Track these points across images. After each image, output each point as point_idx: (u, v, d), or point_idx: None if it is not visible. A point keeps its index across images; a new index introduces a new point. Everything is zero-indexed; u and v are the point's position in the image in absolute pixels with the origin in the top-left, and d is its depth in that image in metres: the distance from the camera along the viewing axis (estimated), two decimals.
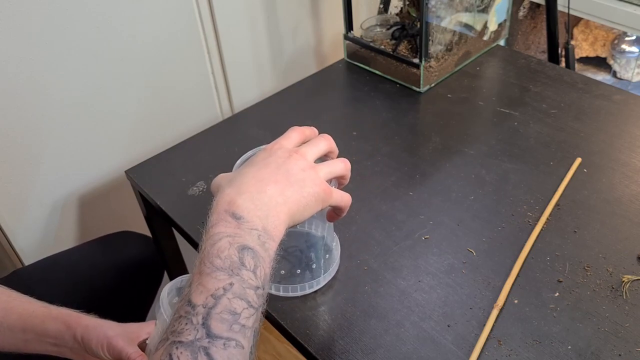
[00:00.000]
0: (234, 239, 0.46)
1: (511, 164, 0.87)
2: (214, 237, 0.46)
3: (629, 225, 0.75)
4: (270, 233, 0.48)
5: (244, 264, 0.45)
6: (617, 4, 1.19)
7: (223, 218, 0.47)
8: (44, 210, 0.97)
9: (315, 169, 0.54)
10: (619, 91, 0.99)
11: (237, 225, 0.47)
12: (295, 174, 0.52)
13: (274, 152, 0.54)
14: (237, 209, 0.48)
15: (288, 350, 1.32)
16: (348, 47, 1.13)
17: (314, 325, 0.67)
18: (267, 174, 0.51)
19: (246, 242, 0.46)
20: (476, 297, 0.68)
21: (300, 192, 0.51)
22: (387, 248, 0.75)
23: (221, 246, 0.45)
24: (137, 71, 0.98)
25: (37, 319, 0.65)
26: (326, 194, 0.54)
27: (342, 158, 0.58)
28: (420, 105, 1.02)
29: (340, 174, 0.58)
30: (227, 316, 0.42)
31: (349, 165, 0.59)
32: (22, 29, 0.82)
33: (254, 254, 0.46)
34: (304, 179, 0.52)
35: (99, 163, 1.01)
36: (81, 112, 0.94)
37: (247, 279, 0.44)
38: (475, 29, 1.10)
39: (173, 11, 0.98)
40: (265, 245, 0.47)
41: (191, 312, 0.42)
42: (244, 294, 0.44)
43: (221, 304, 0.42)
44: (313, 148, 0.56)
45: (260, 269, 0.46)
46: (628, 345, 0.62)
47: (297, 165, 0.53)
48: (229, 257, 0.45)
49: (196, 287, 0.44)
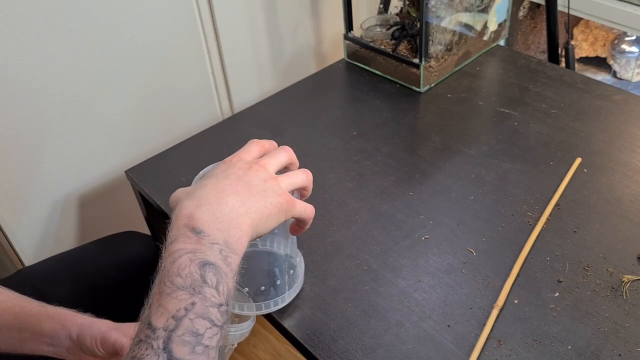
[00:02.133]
0: (195, 255, 0.44)
1: (511, 164, 0.87)
2: (174, 254, 0.44)
3: (629, 225, 0.75)
4: (232, 246, 0.46)
5: (205, 281, 0.43)
6: (617, 4, 1.19)
7: (183, 233, 0.46)
8: (44, 210, 0.97)
9: (277, 180, 0.53)
10: (619, 91, 0.99)
11: (197, 240, 0.45)
12: (256, 185, 0.51)
13: (234, 165, 0.53)
14: (196, 223, 0.46)
15: (288, 350, 1.32)
16: (348, 47, 1.13)
17: (314, 325, 0.67)
18: (227, 185, 0.50)
19: (207, 257, 0.44)
20: (476, 297, 0.68)
21: (263, 202, 0.50)
22: (387, 248, 0.75)
23: (181, 264, 0.44)
24: (137, 71, 0.98)
25: (34, 318, 0.65)
26: (289, 205, 0.53)
27: (304, 169, 0.57)
28: (420, 105, 1.02)
29: (302, 185, 0.57)
30: (189, 338, 0.41)
31: (311, 177, 0.58)
32: (23, 29, 0.82)
33: (216, 270, 0.44)
34: (266, 190, 0.51)
35: (99, 163, 1.01)
36: (81, 112, 0.94)
37: (210, 297, 0.43)
38: (475, 29, 1.10)
39: (173, 11, 0.98)
40: (228, 260, 0.46)
41: (151, 335, 0.40)
42: (206, 312, 0.42)
43: (183, 326, 0.41)
44: (273, 160, 0.55)
45: (222, 285, 0.44)
46: (628, 345, 0.62)
47: (258, 177, 0.52)
48: (190, 275, 0.43)
49: (156, 309, 0.42)
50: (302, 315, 0.68)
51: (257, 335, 1.37)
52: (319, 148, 0.94)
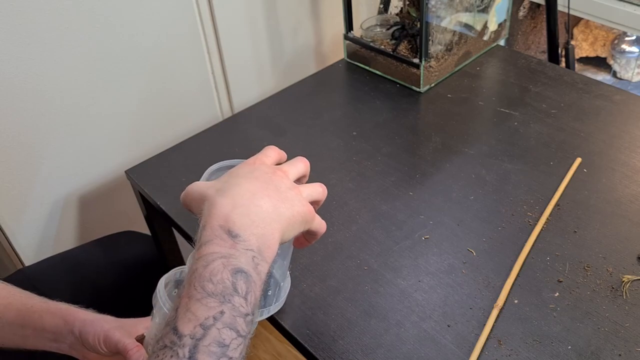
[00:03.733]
0: (229, 260, 0.43)
1: (511, 164, 0.87)
2: (207, 257, 0.43)
3: (629, 225, 0.75)
4: (263, 254, 0.45)
5: (236, 290, 0.42)
6: (617, 4, 1.19)
7: (218, 235, 0.44)
8: (44, 210, 0.97)
9: (299, 189, 0.52)
10: (619, 91, 0.99)
11: (232, 244, 0.44)
12: (284, 191, 0.50)
13: (258, 167, 0.51)
14: (233, 226, 0.45)
15: (288, 350, 1.32)
16: (348, 47, 1.13)
17: (314, 325, 0.67)
18: (259, 187, 0.48)
19: (241, 264, 0.43)
20: (476, 297, 0.68)
21: (291, 210, 0.49)
22: (387, 248, 0.75)
23: (214, 268, 0.42)
24: (137, 71, 0.98)
25: (36, 314, 0.65)
26: (311, 216, 0.52)
27: (320, 183, 0.57)
28: (420, 105, 1.02)
29: (319, 199, 0.56)
30: (215, 349, 0.40)
31: (326, 191, 0.57)
32: (23, 29, 0.82)
33: (247, 278, 0.43)
34: (292, 198, 0.50)
35: (99, 163, 1.01)
36: (81, 112, 0.94)
37: (239, 306, 0.42)
38: (475, 29, 1.10)
39: (173, 11, 0.98)
40: (258, 268, 0.45)
41: (177, 342, 0.39)
42: (234, 323, 0.41)
43: (210, 335, 0.40)
44: (293, 168, 0.54)
45: (251, 295, 0.43)
46: (628, 345, 0.62)
47: (283, 183, 0.51)
48: (222, 282, 0.42)
49: (184, 314, 0.41)
50: (302, 315, 0.68)
51: (257, 336, 1.37)
52: (319, 148, 0.94)
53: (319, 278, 0.72)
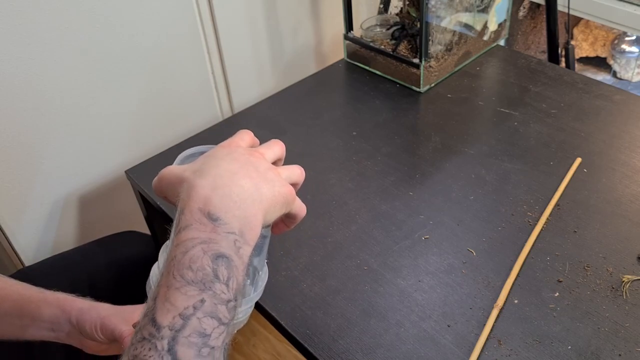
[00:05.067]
0: (209, 245, 0.41)
1: (511, 164, 0.87)
2: (187, 243, 0.41)
3: (629, 225, 0.75)
4: (246, 236, 0.44)
5: (217, 276, 0.41)
6: (617, 4, 1.19)
7: (197, 219, 0.42)
8: (44, 210, 0.97)
9: (277, 170, 0.50)
10: (619, 91, 0.99)
11: (212, 228, 0.42)
12: (263, 172, 0.47)
13: (235, 150, 0.49)
14: (213, 209, 0.43)
15: (288, 350, 1.32)
16: (348, 47, 1.13)
17: (314, 325, 0.67)
18: (239, 168, 0.46)
19: (222, 249, 0.42)
20: (476, 297, 0.68)
21: (272, 190, 0.47)
22: (387, 248, 0.75)
23: (194, 255, 0.41)
24: (137, 71, 0.98)
25: (33, 304, 0.65)
26: (292, 197, 0.50)
27: (298, 165, 0.55)
28: (420, 105, 1.02)
29: (298, 181, 0.54)
30: (195, 339, 0.38)
31: (304, 174, 0.55)
32: (23, 29, 0.82)
33: (229, 263, 0.42)
34: (273, 179, 0.48)
35: (99, 163, 1.01)
36: (81, 112, 0.94)
37: (220, 293, 0.40)
38: (475, 29, 1.10)
39: (173, 11, 0.98)
40: (240, 252, 0.43)
41: (156, 334, 0.38)
42: (215, 311, 0.40)
43: (190, 326, 0.38)
44: (269, 151, 0.52)
45: (233, 280, 0.42)
46: (628, 345, 0.62)
47: (262, 164, 0.48)
48: (202, 269, 0.40)
49: (162, 304, 0.39)
50: (302, 315, 0.68)
51: (257, 335, 1.36)
52: (319, 148, 0.94)
53: (318, 278, 0.72)
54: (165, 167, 0.50)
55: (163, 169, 0.49)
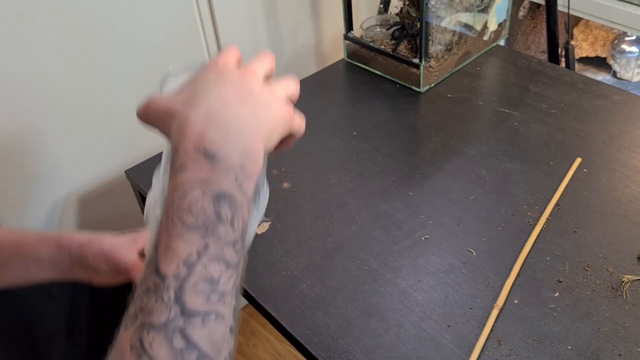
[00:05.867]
0: (208, 186, 0.38)
1: (511, 164, 0.87)
2: (184, 185, 0.38)
3: (629, 225, 0.75)
4: (247, 170, 0.40)
5: (220, 218, 0.38)
6: (617, 4, 1.19)
7: (193, 159, 0.39)
8: (44, 210, 0.97)
9: (271, 87, 0.46)
10: (619, 91, 0.99)
11: (210, 167, 0.39)
12: (258, 94, 0.43)
13: (223, 71, 0.44)
14: (209, 145, 0.39)
15: (288, 350, 1.32)
16: (348, 47, 1.13)
17: (314, 325, 0.67)
18: (231, 94, 0.42)
19: (222, 188, 0.38)
20: (476, 297, 0.68)
21: (270, 113, 0.43)
22: (387, 248, 0.75)
23: (193, 198, 0.38)
24: (137, 71, 0.98)
25: (30, 246, 0.64)
26: (290, 117, 0.46)
27: (292, 76, 0.50)
28: (420, 105, 1.02)
29: (294, 95, 0.49)
30: (203, 286, 0.36)
31: (299, 85, 0.50)
32: (23, 29, 0.82)
33: (231, 202, 0.39)
34: (269, 100, 0.44)
35: (99, 163, 1.01)
36: (81, 112, 0.94)
37: (224, 235, 0.38)
38: (475, 29, 1.10)
39: (173, 11, 0.98)
40: (243, 187, 0.40)
41: (161, 285, 0.36)
42: (221, 254, 0.37)
43: (196, 273, 0.36)
44: (260, 66, 0.47)
45: (238, 219, 0.39)
46: (628, 345, 0.62)
47: (255, 84, 0.44)
48: (203, 212, 0.38)
49: (164, 253, 0.37)
50: (302, 315, 0.68)
51: (257, 335, 1.37)
52: (319, 148, 0.94)
53: (318, 278, 0.72)
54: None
55: (149, 98, 0.45)
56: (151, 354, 0.35)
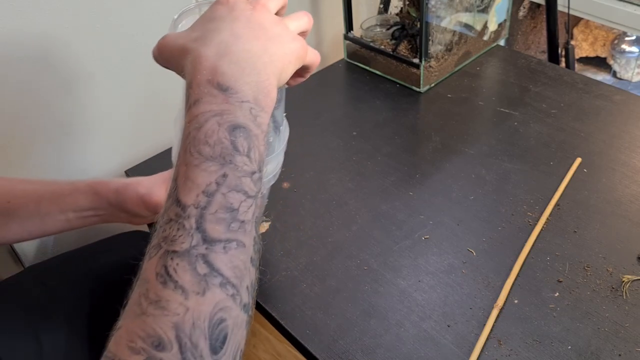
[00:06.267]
0: (223, 117, 0.39)
1: (511, 164, 0.87)
2: (199, 118, 0.39)
3: (629, 225, 0.75)
4: (261, 103, 0.41)
5: (237, 148, 0.38)
6: (617, 4, 1.19)
7: (207, 92, 0.39)
8: None
9: (284, 22, 0.46)
10: (619, 91, 0.99)
11: (224, 99, 0.39)
12: (270, 28, 0.44)
13: (235, 6, 0.44)
14: (222, 78, 0.40)
15: (288, 350, 1.32)
16: (348, 47, 1.13)
17: (313, 325, 0.67)
18: (242, 28, 0.42)
19: (237, 119, 0.39)
20: (476, 297, 0.68)
21: (282, 47, 0.43)
22: (387, 248, 0.75)
23: (208, 129, 0.38)
24: (137, 71, 0.98)
25: (68, 197, 0.65)
26: (303, 50, 0.46)
27: (304, 11, 0.50)
28: (420, 105, 1.02)
29: (307, 29, 0.49)
30: (223, 215, 0.37)
31: (312, 20, 0.50)
32: (22, 29, 0.82)
33: (247, 133, 0.39)
34: (281, 34, 0.44)
35: (99, 163, 1.01)
36: (81, 111, 0.94)
37: (242, 166, 0.38)
38: (475, 29, 1.10)
39: (173, 11, 0.98)
40: (258, 120, 0.40)
41: (182, 214, 0.37)
42: (239, 184, 0.38)
43: (215, 202, 0.37)
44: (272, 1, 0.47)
45: (254, 150, 0.39)
46: (628, 345, 0.62)
47: (267, 19, 0.44)
48: (219, 142, 0.38)
49: (184, 183, 0.37)
50: (302, 315, 0.68)
51: (257, 336, 1.36)
52: (319, 148, 0.94)
53: (318, 278, 0.72)
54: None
55: (161, 38, 0.45)
56: (176, 278, 0.35)
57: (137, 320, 0.35)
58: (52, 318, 0.75)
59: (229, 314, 0.36)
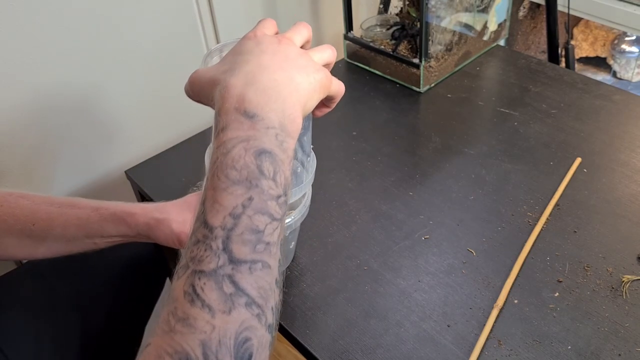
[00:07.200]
0: (249, 143, 0.40)
1: (511, 164, 0.87)
2: (227, 144, 0.40)
3: (629, 225, 0.75)
4: (287, 129, 0.42)
5: (262, 172, 0.40)
6: (617, 4, 1.19)
7: (234, 119, 0.41)
8: None
9: (309, 54, 0.48)
10: (619, 91, 0.99)
11: (251, 125, 0.41)
12: (295, 59, 0.46)
13: (261, 40, 0.47)
14: (249, 105, 0.41)
15: (288, 350, 1.32)
16: (348, 47, 1.13)
17: (313, 325, 0.67)
18: (269, 60, 0.45)
19: (263, 145, 0.41)
20: (476, 297, 0.68)
21: (307, 77, 0.45)
22: (387, 248, 0.75)
23: (236, 154, 0.40)
24: (137, 71, 0.98)
25: (95, 224, 0.65)
26: (328, 80, 0.48)
27: (328, 44, 0.52)
28: (420, 105, 1.02)
29: (331, 61, 0.52)
30: (249, 236, 0.38)
31: (336, 52, 0.52)
32: (22, 29, 0.82)
33: (273, 158, 0.41)
34: (305, 65, 0.46)
35: (99, 163, 1.01)
36: (81, 112, 0.94)
37: (267, 189, 0.40)
38: (475, 29, 1.10)
39: (173, 11, 0.98)
40: (284, 145, 0.42)
41: (209, 235, 0.38)
42: (265, 207, 0.39)
43: (241, 224, 0.38)
44: (297, 34, 0.50)
45: (280, 175, 0.41)
46: (628, 345, 0.62)
47: (292, 51, 0.47)
48: (246, 167, 0.40)
49: (211, 206, 0.39)
50: (302, 315, 0.68)
51: None
52: (319, 148, 0.93)
53: (318, 278, 0.72)
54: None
55: (193, 73, 0.48)
56: (203, 297, 0.36)
57: (165, 337, 0.36)
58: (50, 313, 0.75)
59: (254, 333, 0.37)
